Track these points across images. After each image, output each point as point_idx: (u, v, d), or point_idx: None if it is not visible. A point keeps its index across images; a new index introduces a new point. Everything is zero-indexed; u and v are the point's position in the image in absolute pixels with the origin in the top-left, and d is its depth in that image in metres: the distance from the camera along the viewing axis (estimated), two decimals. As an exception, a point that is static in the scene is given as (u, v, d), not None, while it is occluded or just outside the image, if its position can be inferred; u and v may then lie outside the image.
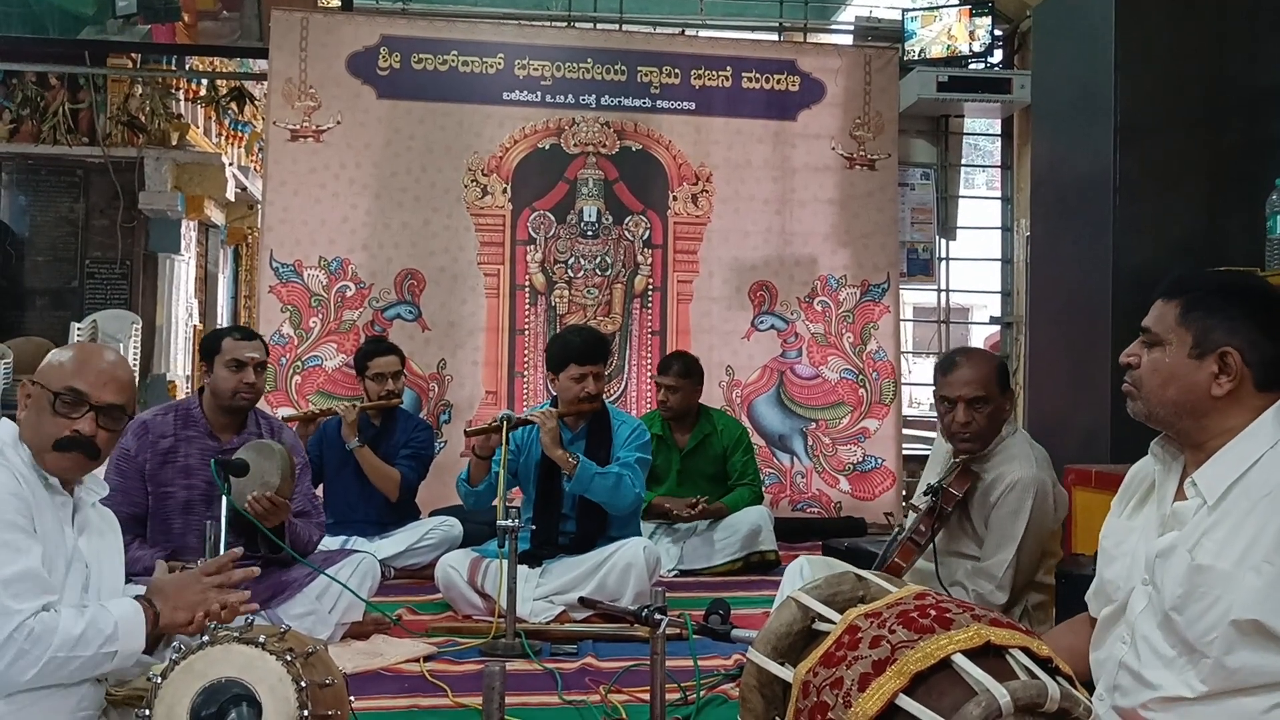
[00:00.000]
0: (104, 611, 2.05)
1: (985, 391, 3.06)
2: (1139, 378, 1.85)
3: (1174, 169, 4.40)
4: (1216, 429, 1.78)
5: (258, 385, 3.59)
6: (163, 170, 9.84)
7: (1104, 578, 1.93)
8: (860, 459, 6.52)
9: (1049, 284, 5.11)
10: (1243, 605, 1.64)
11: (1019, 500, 3.04)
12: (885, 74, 6.76)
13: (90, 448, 2.15)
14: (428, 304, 6.26)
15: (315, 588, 3.53)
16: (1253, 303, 1.80)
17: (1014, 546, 3.04)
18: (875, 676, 1.52)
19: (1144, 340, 1.86)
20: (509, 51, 6.44)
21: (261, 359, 3.60)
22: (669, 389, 5.27)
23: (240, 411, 3.61)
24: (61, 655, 1.97)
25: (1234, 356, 1.76)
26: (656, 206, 6.51)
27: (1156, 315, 1.86)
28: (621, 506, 4.10)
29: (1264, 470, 1.72)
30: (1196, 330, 1.79)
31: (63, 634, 1.97)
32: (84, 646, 1.99)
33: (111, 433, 2.20)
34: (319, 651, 2.05)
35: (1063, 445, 4.68)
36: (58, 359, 2.22)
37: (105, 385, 2.17)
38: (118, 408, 2.19)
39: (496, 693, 2.07)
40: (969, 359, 3.15)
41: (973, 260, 8.22)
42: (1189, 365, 1.79)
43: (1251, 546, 1.67)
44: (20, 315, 9.90)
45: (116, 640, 2.04)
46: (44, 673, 1.96)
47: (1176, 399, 1.80)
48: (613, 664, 3.39)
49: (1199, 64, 4.43)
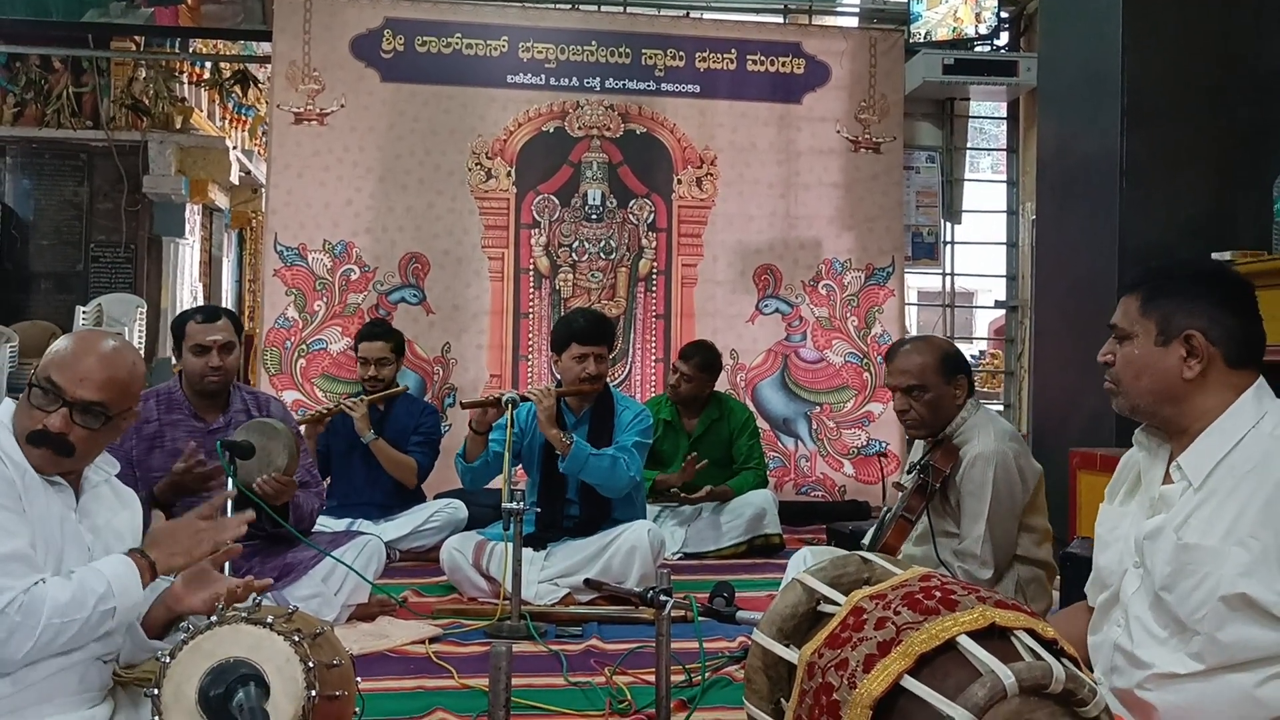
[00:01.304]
0: (93, 572, 2.00)
1: (920, 381, 3.16)
2: (1116, 374, 1.90)
3: (1181, 151, 4.39)
4: (1196, 412, 1.81)
5: (226, 366, 3.51)
6: (167, 154, 9.83)
7: (1099, 564, 1.96)
8: (864, 443, 6.52)
9: (1055, 267, 5.10)
10: (1230, 580, 1.66)
11: (982, 474, 3.09)
12: (890, 56, 6.74)
13: (62, 445, 2.03)
14: (432, 288, 6.26)
15: (321, 570, 3.53)
16: (1209, 283, 1.85)
17: (983, 521, 3.08)
18: (880, 658, 1.53)
19: (1115, 337, 1.91)
20: (513, 34, 6.42)
21: (226, 339, 3.50)
22: (684, 376, 5.27)
23: (215, 394, 3.57)
24: (57, 622, 1.92)
25: (1198, 338, 1.80)
26: (661, 190, 6.50)
27: (1121, 311, 1.90)
28: (616, 489, 4.10)
29: (1246, 449, 1.75)
30: (1158, 318, 1.83)
31: (52, 601, 1.92)
32: (78, 609, 1.94)
33: (91, 431, 2.06)
34: (326, 632, 2.06)
35: (1068, 429, 4.69)
36: (54, 346, 2.12)
37: (83, 381, 2.04)
38: (95, 405, 2.05)
39: (502, 673, 2.08)
40: (906, 349, 3.26)
41: (978, 244, 8.20)
42: (1157, 353, 1.83)
43: (1236, 522, 1.69)
44: (25, 299, 9.91)
45: (112, 597, 1.99)
46: (43, 643, 1.92)
47: (1152, 388, 1.84)
48: (618, 646, 3.40)
49: (1206, 46, 4.41)
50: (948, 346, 3.30)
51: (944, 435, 3.20)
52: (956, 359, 3.22)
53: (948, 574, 1.92)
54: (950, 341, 3.47)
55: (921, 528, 3.20)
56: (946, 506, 3.21)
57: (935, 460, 3.14)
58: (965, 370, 3.22)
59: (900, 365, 3.22)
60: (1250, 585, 1.65)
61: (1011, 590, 3.13)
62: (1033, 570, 3.20)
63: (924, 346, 3.26)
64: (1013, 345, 7.92)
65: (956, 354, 3.26)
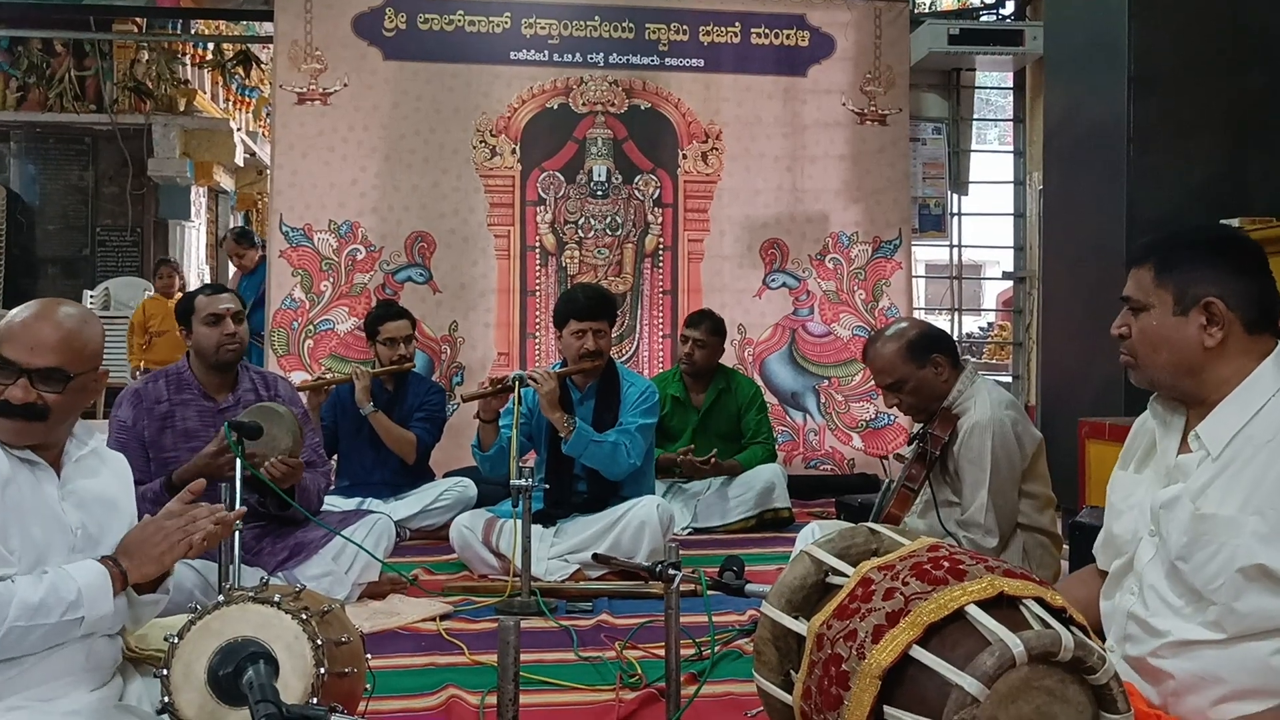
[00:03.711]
0: (66, 577, 1.95)
1: (895, 376, 3.20)
2: (1132, 346, 1.87)
3: (1189, 118, 4.35)
4: (1215, 381, 1.79)
5: (240, 334, 3.55)
6: (171, 137, 9.84)
7: (1112, 532, 1.95)
8: (873, 416, 6.51)
9: (1063, 236, 5.07)
10: (1248, 551, 1.65)
11: (980, 443, 3.11)
12: (896, 27, 6.68)
13: (31, 411, 1.99)
14: (438, 266, 6.25)
15: (332, 549, 3.54)
16: (1221, 248, 1.83)
17: (985, 490, 3.10)
18: (889, 628, 1.52)
19: (1129, 309, 1.87)
20: (516, 10, 6.38)
21: (236, 309, 3.56)
22: (697, 343, 5.27)
23: (229, 366, 3.58)
24: (22, 624, 1.88)
25: (1217, 304, 1.77)
26: (666, 165, 6.47)
27: (1134, 283, 1.87)
28: (617, 474, 4.12)
29: (1266, 418, 1.73)
30: (1174, 287, 1.80)
31: (20, 603, 1.88)
32: (45, 614, 1.90)
33: (60, 396, 2.01)
34: (335, 610, 2.07)
35: (1077, 399, 4.67)
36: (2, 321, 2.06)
37: (33, 349, 1.99)
38: (54, 370, 2.00)
39: (512, 648, 2.08)
40: (874, 349, 3.28)
41: (985, 215, 8.16)
42: (1176, 323, 1.80)
43: (1254, 492, 1.67)
44: (33, 284, 9.95)
45: (80, 607, 1.94)
46: (7, 644, 1.88)
47: (1171, 360, 1.81)
48: (628, 621, 3.41)
49: (1214, 9, 4.37)
50: (913, 332, 3.26)
51: (942, 407, 3.21)
52: (925, 341, 3.21)
53: (955, 544, 1.91)
54: (920, 322, 3.46)
55: (924, 497, 3.21)
56: (946, 475, 3.23)
57: (934, 428, 3.16)
58: (940, 347, 3.21)
59: (873, 366, 3.27)
60: (1268, 555, 1.63)
61: (1018, 558, 3.15)
62: (1036, 538, 3.22)
63: (889, 341, 3.24)
64: (1021, 316, 7.90)
65: (924, 335, 3.25)
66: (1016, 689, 1.43)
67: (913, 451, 3.21)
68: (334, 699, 1.89)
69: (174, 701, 1.83)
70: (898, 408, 3.30)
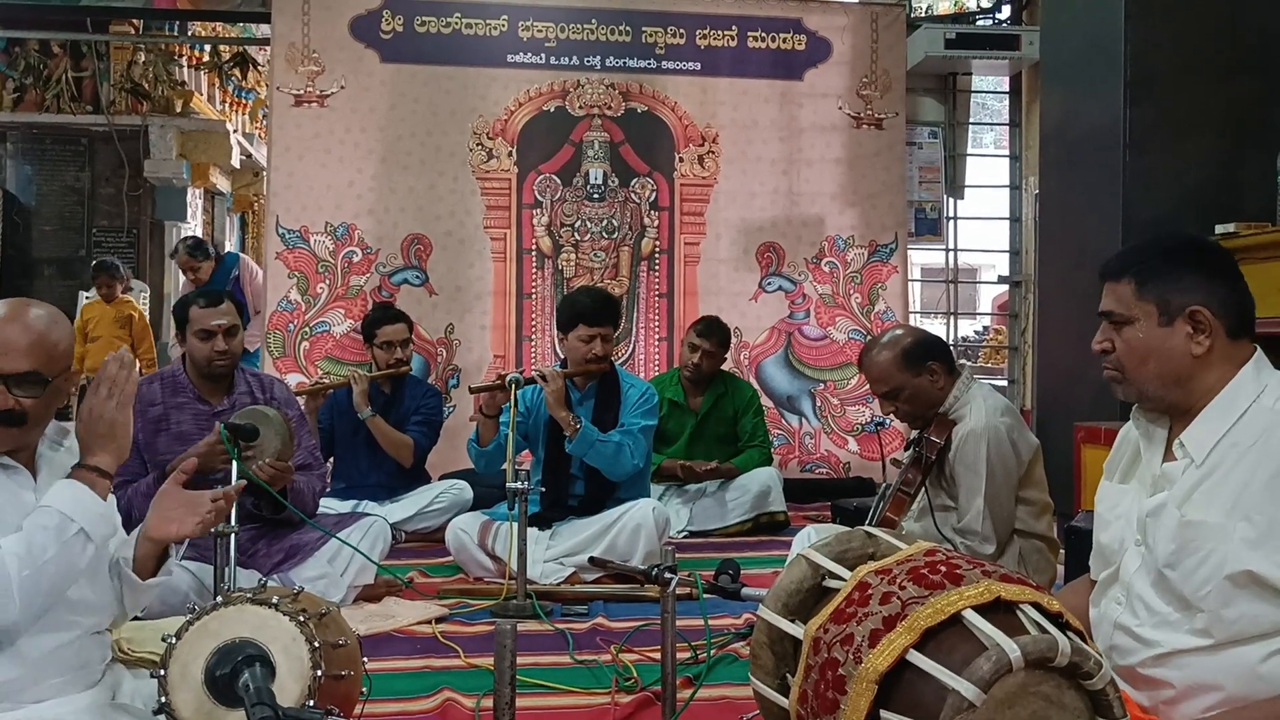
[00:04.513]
0: (40, 511, 1.92)
1: (890, 385, 3.20)
2: (1118, 360, 1.86)
3: (1185, 122, 4.36)
4: (1202, 389, 1.79)
5: (231, 350, 3.52)
6: (167, 138, 9.82)
7: (1100, 542, 1.95)
8: (868, 420, 6.52)
9: (1059, 240, 5.08)
10: (1236, 557, 1.65)
11: (975, 450, 3.12)
12: (892, 31, 6.69)
13: (9, 417, 1.95)
14: (434, 269, 6.25)
15: (327, 551, 3.54)
16: (1199, 257, 1.84)
17: (980, 496, 3.11)
18: (886, 632, 1.52)
19: (1111, 323, 1.87)
20: (512, 13, 6.38)
21: (230, 323, 3.51)
22: (706, 354, 5.25)
23: (221, 377, 3.58)
24: (28, 573, 1.85)
25: (1203, 312, 1.77)
26: (663, 168, 6.48)
27: (1112, 297, 1.86)
28: (619, 475, 4.12)
29: (1248, 424, 1.73)
30: (1157, 299, 1.81)
31: (11, 556, 1.85)
32: (43, 550, 1.87)
33: (37, 399, 1.97)
34: (332, 613, 2.07)
35: (1073, 403, 4.68)
36: None
37: (5, 354, 1.95)
38: (29, 374, 1.96)
39: (508, 652, 2.08)
40: (869, 357, 3.28)
41: (981, 219, 8.17)
42: (1162, 334, 1.80)
43: (1240, 498, 1.68)
44: (29, 285, 9.93)
45: (72, 522, 1.91)
46: (28, 600, 1.86)
47: (1159, 371, 1.81)
48: (623, 624, 3.41)
49: (1210, 14, 4.38)
50: (907, 340, 3.25)
51: (939, 413, 3.21)
52: (920, 348, 3.21)
53: (951, 549, 1.92)
54: (915, 329, 3.44)
55: (920, 502, 3.22)
56: (942, 480, 3.23)
57: (930, 433, 3.17)
58: (936, 354, 3.21)
59: (869, 374, 3.29)
60: (1256, 561, 1.64)
61: (1014, 563, 3.15)
62: (1033, 543, 3.22)
63: (884, 349, 3.24)
64: (1016, 320, 7.90)
65: (920, 342, 3.24)
66: (1013, 694, 1.43)
67: (909, 456, 3.21)
68: (331, 702, 1.89)
69: (171, 701, 1.83)
70: (894, 415, 3.31)
